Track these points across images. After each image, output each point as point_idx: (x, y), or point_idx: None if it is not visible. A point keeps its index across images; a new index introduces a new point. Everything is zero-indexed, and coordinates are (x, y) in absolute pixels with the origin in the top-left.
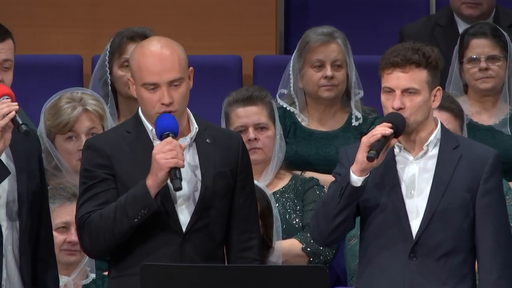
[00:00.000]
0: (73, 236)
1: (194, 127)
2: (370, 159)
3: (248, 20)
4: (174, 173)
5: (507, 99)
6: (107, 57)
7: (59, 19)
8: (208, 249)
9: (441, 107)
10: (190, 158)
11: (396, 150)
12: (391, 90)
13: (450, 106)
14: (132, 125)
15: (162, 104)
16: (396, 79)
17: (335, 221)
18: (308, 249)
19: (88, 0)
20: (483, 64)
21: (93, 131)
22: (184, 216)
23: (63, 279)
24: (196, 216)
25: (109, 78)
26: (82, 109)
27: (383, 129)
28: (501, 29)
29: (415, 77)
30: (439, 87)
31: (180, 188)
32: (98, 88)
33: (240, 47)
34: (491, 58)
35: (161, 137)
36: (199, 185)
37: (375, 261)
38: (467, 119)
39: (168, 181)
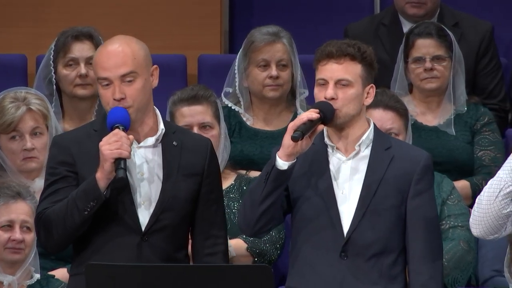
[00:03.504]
0: (17, 234)
1: (160, 128)
2: (294, 139)
3: (192, 19)
4: (119, 163)
5: (451, 99)
6: (51, 56)
7: (2, 18)
8: (167, 251)
9: (385, 106)
10: (154, 159)
11: (329, 150)
12: (325, 82)
13: (394, 105)
14: (99, 124)
15: (114, 99)
16: (330, 70)
17: (262, 206)
18: (253, 249)
19: None
20: (428, 64)
21: (36, 131)
22: (144, 217)
23: (7, 278)
24: (155, 217)
25: (54, 77)
26: (26, 108)
27: (309, 113)
28: (446, 29)
29: (349, 69)
30: (372, 84)
31: (123, 178)
32: (42, 87)
33: (184, 46)
34: (436, 58)
35: (111, 130)
36: (159, 186)
37: (306, 260)
38: (412, 119)
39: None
